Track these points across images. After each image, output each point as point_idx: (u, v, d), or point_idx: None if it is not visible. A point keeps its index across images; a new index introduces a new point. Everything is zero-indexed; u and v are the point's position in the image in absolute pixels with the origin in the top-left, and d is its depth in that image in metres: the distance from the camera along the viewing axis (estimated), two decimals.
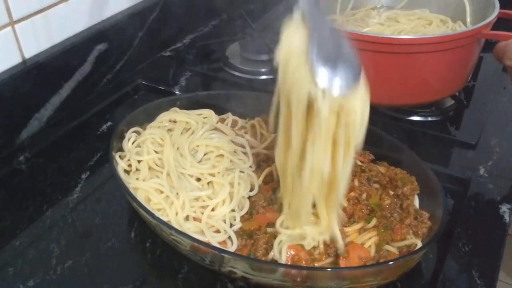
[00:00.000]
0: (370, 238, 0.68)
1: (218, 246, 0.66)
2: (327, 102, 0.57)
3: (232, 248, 0.67)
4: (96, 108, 0.99)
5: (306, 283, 0.62)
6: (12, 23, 0.87)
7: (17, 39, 0.89)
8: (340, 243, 0.65)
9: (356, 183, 0.75)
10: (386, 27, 1.06)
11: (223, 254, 0.62)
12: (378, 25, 1.08)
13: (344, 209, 0.71)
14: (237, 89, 1.04)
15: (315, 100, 0.57)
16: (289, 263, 0.64)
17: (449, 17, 1.05)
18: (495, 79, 1.07)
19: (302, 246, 0.66)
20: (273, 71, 1.10)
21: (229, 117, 0.88)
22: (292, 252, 0.65)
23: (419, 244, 0.66)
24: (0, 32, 0.86)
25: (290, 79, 0.59)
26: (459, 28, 1.02)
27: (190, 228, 0.68)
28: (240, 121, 0.88)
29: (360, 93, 0.59)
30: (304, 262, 0.64)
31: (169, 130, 0.83)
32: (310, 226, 0.68)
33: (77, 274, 0.69)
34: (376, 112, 0.97)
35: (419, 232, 0.68)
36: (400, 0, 1.13)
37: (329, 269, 0.63)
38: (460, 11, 1.02)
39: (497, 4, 0.90)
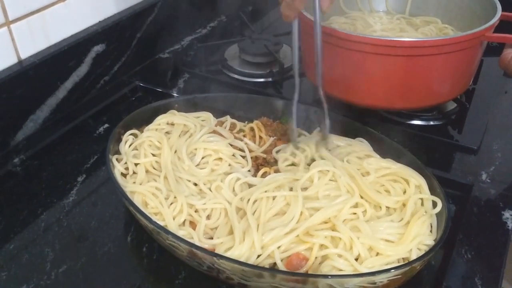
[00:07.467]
0: None
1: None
2: None
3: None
4: (93, 110, 0.98)
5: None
6: (8, 23, 0.86)
7: (13, 39, 0.88)
8: None
9: None
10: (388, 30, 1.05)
11: (220, 260, 0.61)
12: (380, 24, 1.07)
13: None
14: (235, 91, 1.03)
15: None
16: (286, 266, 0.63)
17: (452, 20, 1.05)
18: (496, 83, 1.07)
19: None
20: (272, 73, 1.09)
21: (228, 120, 0.87)
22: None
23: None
24: None
25: None
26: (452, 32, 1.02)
27: (184, 236, 0.66)
28: (239, 124, 0.87)
29: None
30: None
31: (167, 133, 0.82)
32: None
33: (72, 279, 0.68)
34: (377, 116, 0.96)
35: None
36: (403, 6, 1.12)
37: (329, 276, 0.61)
38: (463, 15, 1.02)
39: (499, 7, 0.89)
